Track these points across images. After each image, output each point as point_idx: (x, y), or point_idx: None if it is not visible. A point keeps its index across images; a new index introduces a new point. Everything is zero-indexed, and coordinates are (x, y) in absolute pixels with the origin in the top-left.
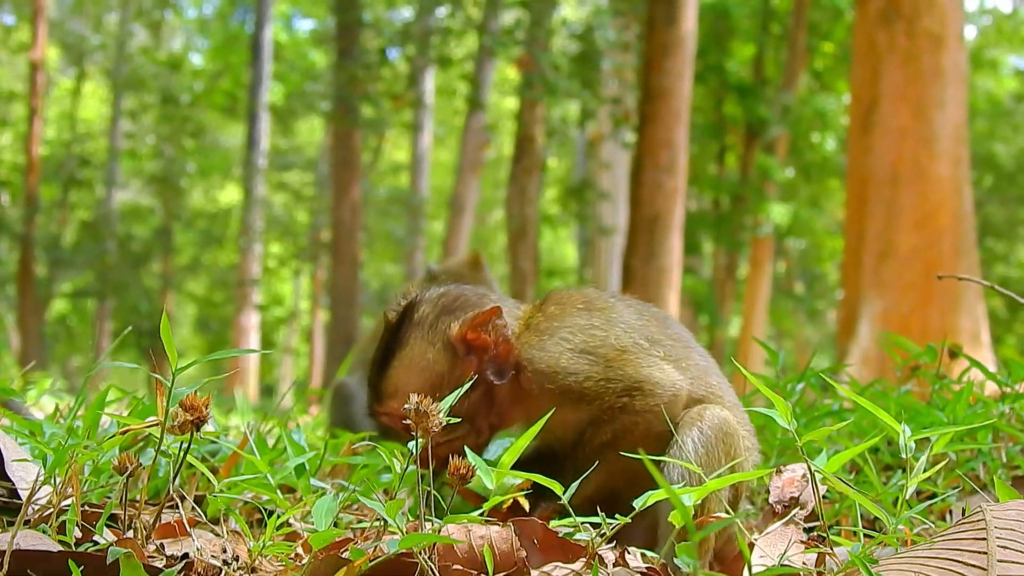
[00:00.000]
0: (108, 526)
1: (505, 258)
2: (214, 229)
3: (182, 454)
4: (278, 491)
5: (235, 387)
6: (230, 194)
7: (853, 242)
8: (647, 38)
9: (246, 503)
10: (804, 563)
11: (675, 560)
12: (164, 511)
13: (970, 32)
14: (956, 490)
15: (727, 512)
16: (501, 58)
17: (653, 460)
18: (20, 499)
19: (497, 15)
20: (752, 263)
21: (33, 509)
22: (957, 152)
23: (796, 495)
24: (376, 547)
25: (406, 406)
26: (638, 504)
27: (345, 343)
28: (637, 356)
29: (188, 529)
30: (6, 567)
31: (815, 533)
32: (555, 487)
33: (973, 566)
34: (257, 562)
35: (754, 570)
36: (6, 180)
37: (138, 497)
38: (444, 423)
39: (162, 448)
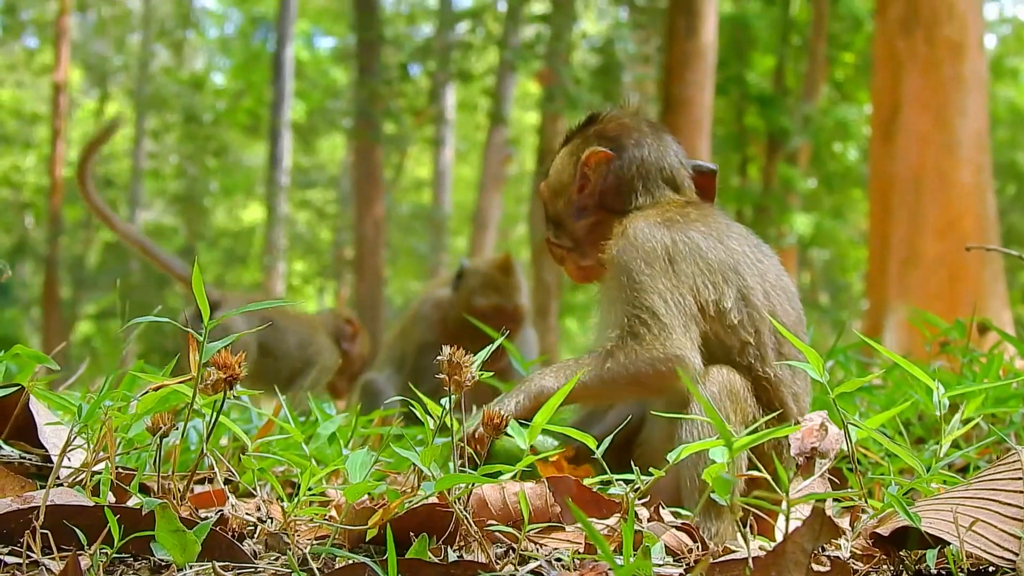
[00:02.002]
0: (141, 493)
1: (529, 272)
2: (238, 248)
3: (215, 413)
4: (312, 460)
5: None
6: (253, 212)
7: (877, 250)
8: (667, 50)
9: (281, 474)
10: (837, 522)
11: (706, 519)
12: (199, 485)
13: (990, 41)
14: (988, 462)
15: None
16: (522, 72)
17: (666, 416)
18: (54, 464)
19: (517, 29)
20: None
21: (67, 472)
22: (979, 159)
23: (816, 445)
24: (410, 491)
25: (438, 357)
26: (672, 457)
27: (369, 359)
28: (688, 313)
29: (225, 493)
30: (41, 520)
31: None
32: (589, 441)
33: (1010, 504)
34: (291, 521)
35: (790, 525)
36: (30, 202)
37: (172, 463)
38: (476, 377)
39: (194, 408)
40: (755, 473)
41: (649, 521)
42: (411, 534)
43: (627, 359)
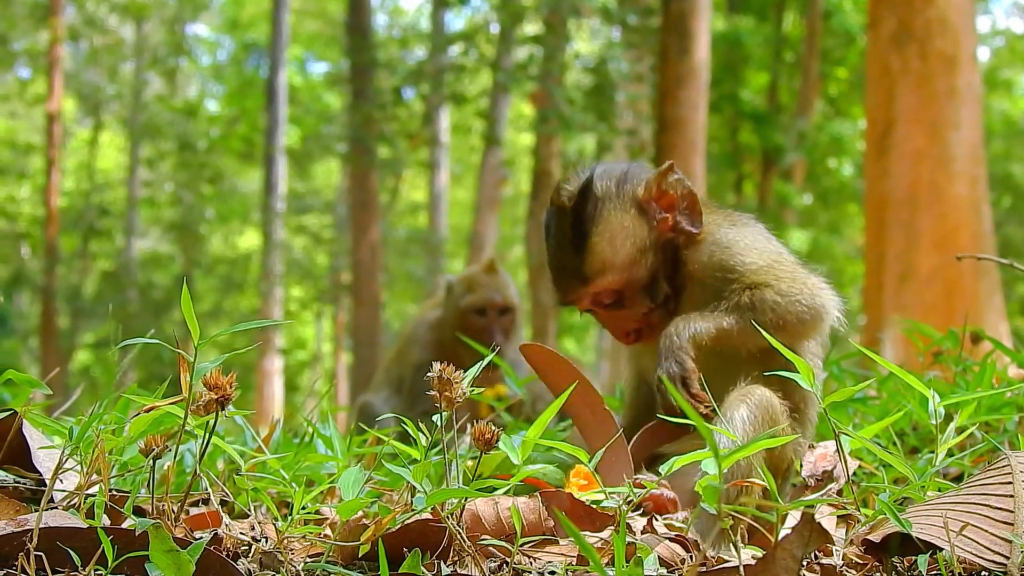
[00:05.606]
0: (135, 515)
1: (526, 293)
2: (235, 274)
3: (207, 434)
4: (304, 482)
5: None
6: (249, 239)
7: (873, 265)
8: (661, 69)
9: (276, 495)
10: (834, 535)
11: (701, 529)
12: (194, 507)
13: (983, 53)
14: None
15: (763, 490)
16: (515, 94)
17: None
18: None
19: (510, 51)
20: None
21: (61, 496)
22: (974, 172)
23: (829, 468)
24: (403, 506)
25: (429, 374)
26: (664, 470)
27: (368, 384)
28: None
29: (220, 513)
30: (35, 542)
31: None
32: (581, 455)
33: (1000, 509)
34: (285, 540)
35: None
36: (26, 232)
37: (166, 485)
38: (467, 393)
39: (186, 429)
40: (744, 481)
41: (643, 533)
42: (404, 550)
43: (776, 305)
